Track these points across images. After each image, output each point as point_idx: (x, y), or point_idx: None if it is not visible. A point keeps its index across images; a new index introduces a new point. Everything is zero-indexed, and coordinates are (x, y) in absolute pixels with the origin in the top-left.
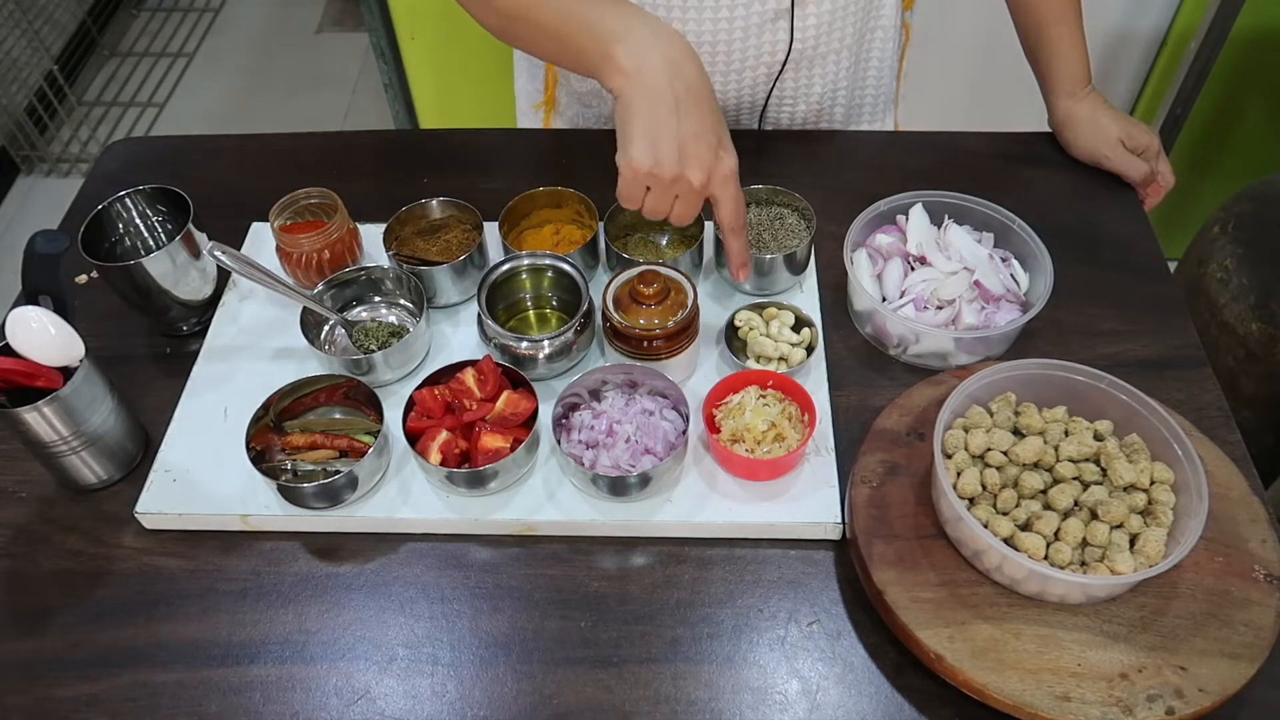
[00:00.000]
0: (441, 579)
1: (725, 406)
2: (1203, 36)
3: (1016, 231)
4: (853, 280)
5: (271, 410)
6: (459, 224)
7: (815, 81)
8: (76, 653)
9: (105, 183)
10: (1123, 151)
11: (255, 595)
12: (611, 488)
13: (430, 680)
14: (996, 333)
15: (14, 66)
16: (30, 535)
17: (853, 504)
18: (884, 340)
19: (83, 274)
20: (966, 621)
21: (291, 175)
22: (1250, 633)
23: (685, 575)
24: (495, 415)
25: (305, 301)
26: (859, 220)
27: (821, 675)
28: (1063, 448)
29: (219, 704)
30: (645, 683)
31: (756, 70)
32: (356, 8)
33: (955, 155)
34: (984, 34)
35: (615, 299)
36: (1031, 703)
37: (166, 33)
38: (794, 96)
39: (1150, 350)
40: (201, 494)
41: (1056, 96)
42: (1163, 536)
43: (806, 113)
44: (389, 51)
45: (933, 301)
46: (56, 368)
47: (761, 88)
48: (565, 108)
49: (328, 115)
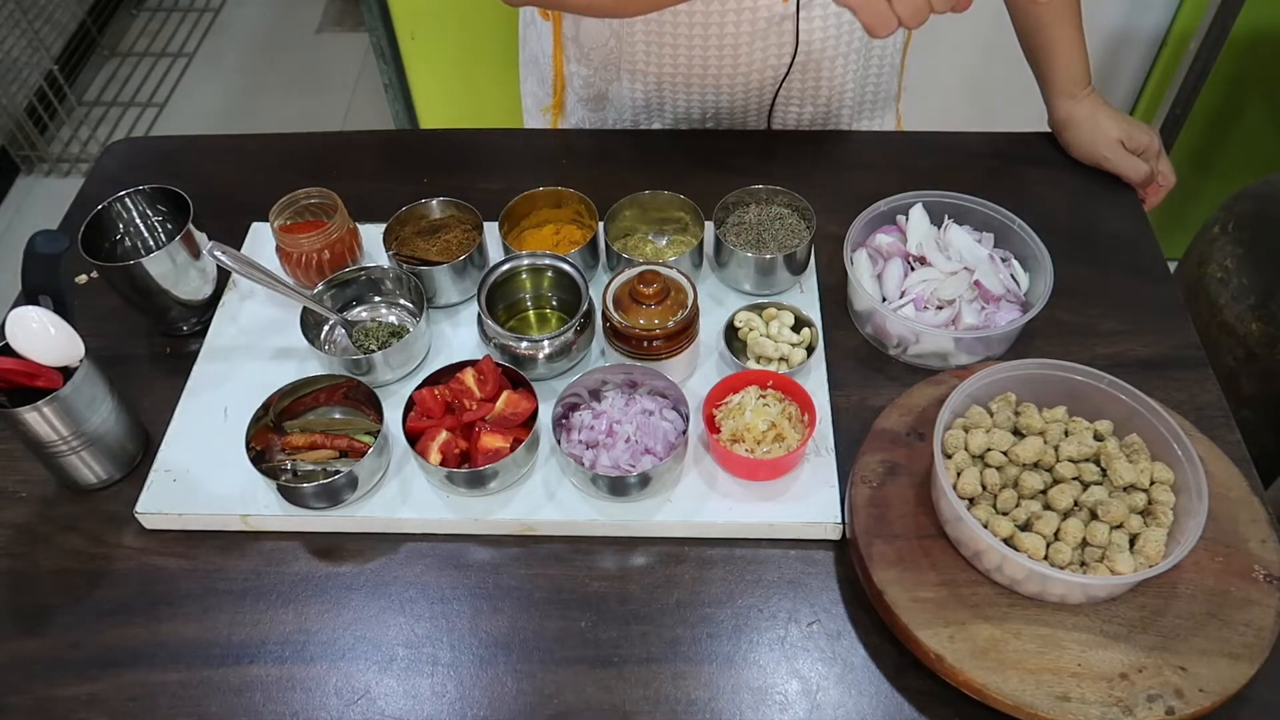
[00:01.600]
0: (441, 579)
1: (725, 406)
2: (1203, 36)
3: (1016, 232)
4: (853, 280)
5: (271, 410)
6: (459, 224)
7: (822, 84)
8: (76, 653)
9: (105, 183)
10: (1123, 152)
11: (255, 595)
12: (611, 488)
13: (430, 680)
14: (996, 333)
15: (14, 66)
16: (30, 535)
17: (853, 504)
18: (884, 340)
19: (83, 274)
20: (966, 621)
21: (291, 175)
22: (1250, 633)
23: (685, 575)
24: (495, 415)
25: (305, 301)
26: (859, 220)
27: (821, 675)
28: (1063, 448)
29: (219, 704)
30: (645, 683)
31: (763, 73)
32: (356, 8)
33: (955, 155)
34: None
35: (615, 299)
36: (1031, 703)
37: (166, 33)
38: (800, 98)
39: (1150, 350)
40: (201, 494)
41: (1056, 97)
42: (1163, 536)
43: (814, 114)
44: (389, 51)
45: (933, 301)
46: (56, 368)
47: (769, 89)
48: (571, 112)
49: (328, 115)
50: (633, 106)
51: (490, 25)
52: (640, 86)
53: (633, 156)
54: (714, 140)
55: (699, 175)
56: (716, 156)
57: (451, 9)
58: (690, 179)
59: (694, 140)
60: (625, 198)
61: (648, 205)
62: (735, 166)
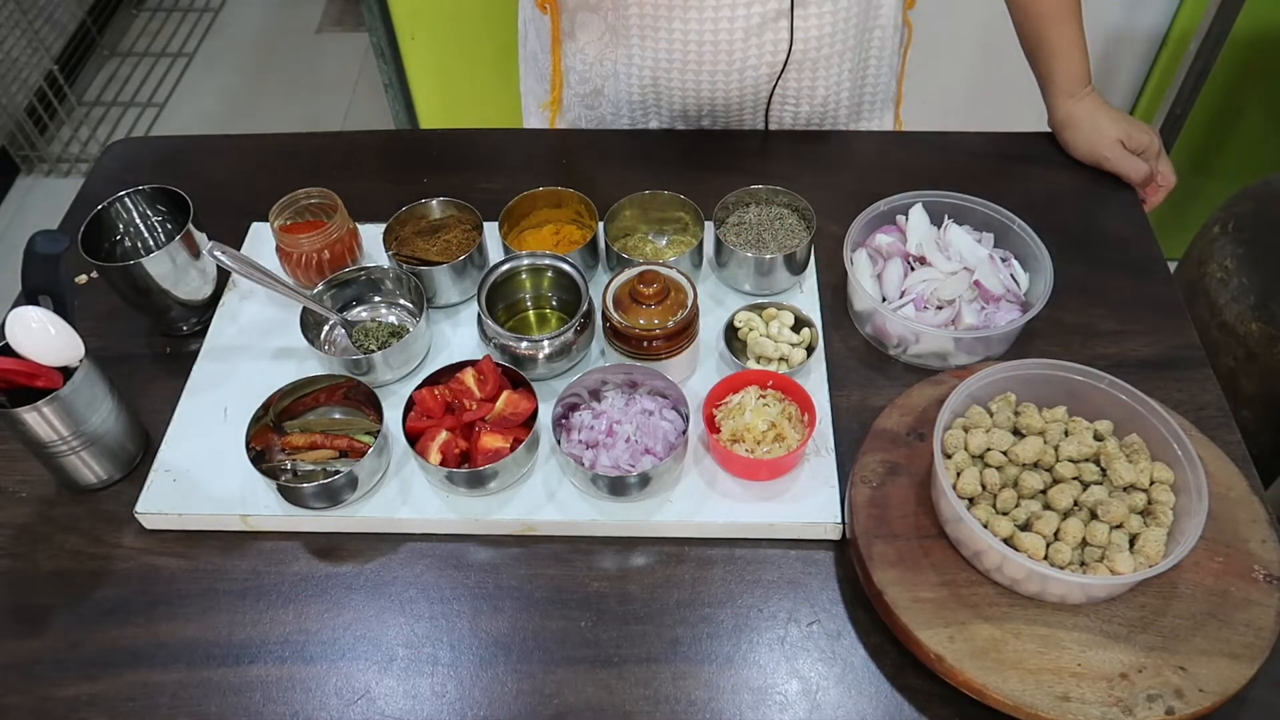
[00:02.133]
0: (441, 579)
1: (725, 406)
2: (1203, 36)
3: (1016, 232)
4: (853, 280)
5: (271, 410)
6: (459, 224)
7: (819, 82)
8: (76, 653)
9: (105, 183)
10: (1122, 152)
11: (255, 595)
12: (611, 488)
13: (430, 680)
14: (996, 333)
15: (14, 66)
16: (30, 535)
17: (853, 504)
18: (884, 340)
19: (83, 274)
20: (966, 621)
21: (291, 175)
22: (1250, 633)
23: (685, 575)
24: (495, 415)
25: (305, 301)
26: (859, 220)
27: (821, 675)
28: (1063, 448)
29: (219, 704)
30: (645, 683)
31: (759, 70)
32: (356, 8)
33: (955, 155)
34: (985, 32)
35: (615, 299)
36: (1031, 703)
37: (166, 33)
38: (797, 96)
39: (1150, 350)
40: (201, 494)
41: (1056, 97)
42: (1162, 536)
43: (810, 112)
44: (389, 51)
45: (932, 301)
46: (56, 368)
47: (764, 87)
48: (569, 109)
49: (328, 115)
50: (629, 101)
51: (490, 25)
52: (635, 81)
53: (632, 156)
54: (714, 140)
55: (699, 175)
56: (717, 156)
57: (451, 9)
58: (690, 179)
59: (693, 140)
60: (625, 198)
61: (647, 205)
62: (735, 166)
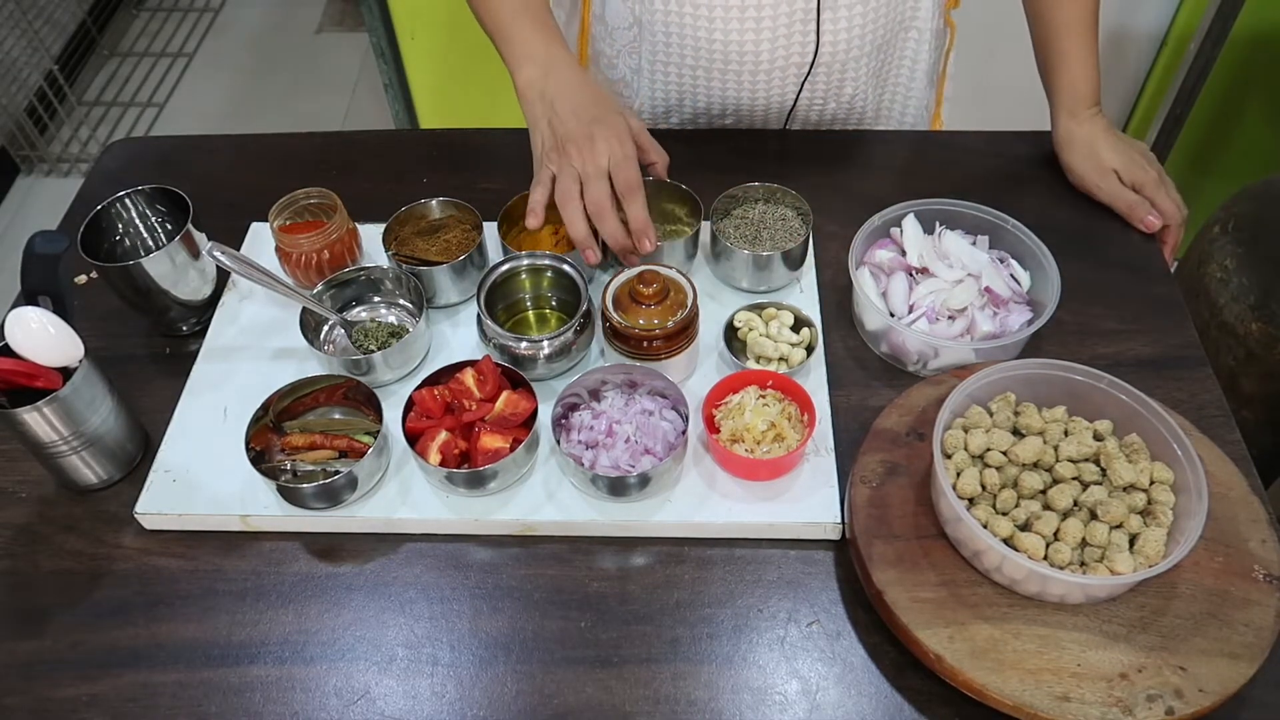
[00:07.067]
0: (441, 579)
1: (725, 406)
2: (1203, 36)
3: (1010, 230)
4: (863, 299)
5: (271, 410)
6: (459, 224)
7: (846, 83)
8: (76, 653)
9: (105, 183)
10: (1115, 184)
11: (255, 595)
12: (611, 488)
13: (430, 680)
14: (1014, 339)
15: (14, 66)
16: (30, 535)
17: (853, 504)
18: (902, 358)
19: (82, 274)
20: (966, 622)
21: (291, 175)
22: (1250, 633)
23: (685, 575)
24: (495, 415)
25: (305, 302)
26: (857, 238)
27: (821, 675)
28: (1062, 448)
29: (219, 704)
30: (645, 683)
31: (785, 73)
32: (356, 8)
33: (955, 155)
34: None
35: (615, 299)
36: (1031, 703)
37: (166, 33)
38: (824, 97)
39: (1150, 350)
40: (201, 494)
41: (1058, 113)
42: (1162, 536)
43: (836, 110)
44: (389, 51)
45: (943, 312)
46: (56, 368)
47: (791, 91)
48: None
49: (328, 115)
50: (651, 99)
51: None
52: (660, 80)
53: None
54: (716, 139)
55: (699, 175)
56: (718, 156)
57: (451, 9)
58: (690, 179)
59: (699, 138)
60: None
61: (649, 200)
62: (736, 166)
